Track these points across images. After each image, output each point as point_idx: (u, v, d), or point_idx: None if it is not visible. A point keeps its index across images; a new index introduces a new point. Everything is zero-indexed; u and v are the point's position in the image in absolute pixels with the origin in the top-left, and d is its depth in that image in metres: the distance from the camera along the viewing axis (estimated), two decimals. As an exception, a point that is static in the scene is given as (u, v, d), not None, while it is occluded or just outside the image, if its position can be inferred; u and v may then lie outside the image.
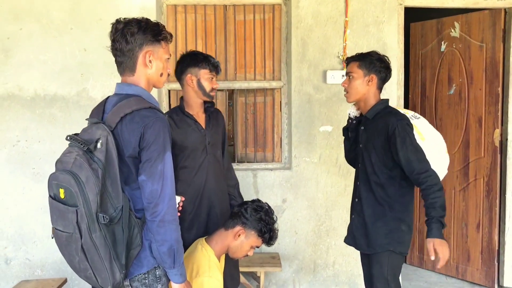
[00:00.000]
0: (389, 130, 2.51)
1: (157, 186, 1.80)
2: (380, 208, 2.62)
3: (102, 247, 1.74)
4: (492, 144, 4.17)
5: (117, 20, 1.95)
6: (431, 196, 2.40)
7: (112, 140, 1.78)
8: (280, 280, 4.06)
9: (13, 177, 3.80)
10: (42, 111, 3.79)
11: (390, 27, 3.96)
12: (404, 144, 2.48)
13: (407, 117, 2.61)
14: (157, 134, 1.81)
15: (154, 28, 1.93)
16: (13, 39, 3.74)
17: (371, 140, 2.63)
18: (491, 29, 4.10)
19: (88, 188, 1.72)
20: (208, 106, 2.95)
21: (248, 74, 4.12)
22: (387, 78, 2.68)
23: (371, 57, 2.65)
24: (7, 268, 3.86)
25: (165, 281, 1.96)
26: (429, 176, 2.43)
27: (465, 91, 4.30)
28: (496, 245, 4.20)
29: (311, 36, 3.92)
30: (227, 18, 4.08)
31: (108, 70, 3.74)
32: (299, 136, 3.98)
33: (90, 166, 1.73)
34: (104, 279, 1.80)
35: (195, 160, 2.84)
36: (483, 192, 4.25)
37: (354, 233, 2.78)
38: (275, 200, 3.95)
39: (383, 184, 2.60)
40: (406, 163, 2.48)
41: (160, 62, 1.95)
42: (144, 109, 1.84)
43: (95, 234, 1.73)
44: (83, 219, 1.72)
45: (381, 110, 2.65)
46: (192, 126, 2.83)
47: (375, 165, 2.61)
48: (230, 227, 2.51)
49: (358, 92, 2.65)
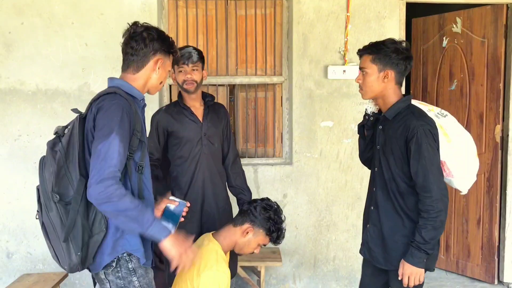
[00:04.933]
0: (409, 135, 2.25)
1: (93, 164, 1.79)
2: (399, 219, 2.36)
3: (58, 227, 1.85)
4: (493, 140, 4.16)
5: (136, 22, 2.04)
6: (423, 221, 2.23)
7: (77, 125, 1.90)
8: (280, 275, 4.07)
9: (14, 171, 3.81)
10: (43, 105, 3.80)
11: (392, 23, 3.95)
12: (419, 153, 2.23)
13: (431, 121, 2.32)
14: (105, 115, 1.86)
15: (169, 41, 2.07)
16: (15, 33, 3.74)
17: (389, 143, 2.36)
18: (493, 24, 4.08)
19: (46, 168, 1.89)
20: (208, 100, 3.02)
21: (249, 69, 4.11)
22: (407, 69, 2.37)
23: (386, 49, 2.32)
24: (8, 262, 3.87)
25: (142, 272, 1.97)
26: (430, 198, 2.21)
27: (466, 87, 4.30)
28: (497, 240, 4.21)
29: (313, 31, 3.91)
30: (228, 13, 4.07)
31: (109, 65, 3.75)
32: (300, 132, 3.98)
33: (51, 149, 1.90)
34: (62, 260, 1.91)
35: (189, 151, 2.93)
36: (483, 188, 4.25)
37: (370, 244, 2.50)
38: (276, 195, 3.95)
39: (403, 193, 2.33)
40: (414, 175, 2.26)
41: (164, 72, 2.07)
42: (109, 94, 1.93)
43: (52, 212, 1.85)
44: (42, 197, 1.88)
45: (403, 109, 2.35)
46: (188, 117, 2.94)
47: (394, 171, 2.34)
48: (238, 224, 2.54)
49: (374, 89, 2.36)
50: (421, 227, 2.22)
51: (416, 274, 2.27)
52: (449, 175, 2.43)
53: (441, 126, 2.39)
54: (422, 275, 2.29)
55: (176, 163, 2.96)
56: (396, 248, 2.37)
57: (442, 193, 2.22)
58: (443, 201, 2.22)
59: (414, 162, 2.24)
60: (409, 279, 2.29)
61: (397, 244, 2.36)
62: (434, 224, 2.21)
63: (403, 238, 2.34)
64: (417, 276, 2.28)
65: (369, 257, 2.53)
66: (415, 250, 2.24)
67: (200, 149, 2.93)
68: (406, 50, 2.35)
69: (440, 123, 2.40)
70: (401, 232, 2.35)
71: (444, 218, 2.23)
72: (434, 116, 2.41)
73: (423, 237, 2.22)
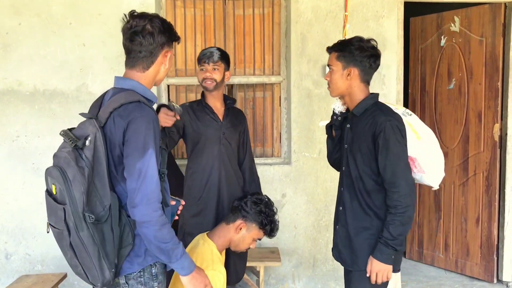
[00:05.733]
0: (376, 130, 2.23)
1: (134, 185, 1.74)
2: (366, 218, 2.32)
3: (90, 246, 1.73)
4: (492, 138, 4.17)
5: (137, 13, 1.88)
6: (391, 217, 2.21)
7: (101, 137, 1.75)
8: (279, 275, 4.07)
9: (13, 172, 3.80)
10: (41, 106, 3.79)
11: (390, 22, 3.95)
12: (386, 148, 2.21)
13: (399, 117, 2.31)
14: (138, 131, 1.75)
15: (172, 29, 1.94)
16: (13, 34, 3.73)
17: (357, 141, 2.34)
18: (491, 23, 4.09)
19: (74, 186, 1.70)
20: (229, 102, 3.13)
21: (248, 69, 4.11)
22: (372, 67, 2.34)
23: (351, 46, 2.31)
24: (7, 263, 3.87)
25: (162, 279, 1.95)
26: (398, 193, 2.19)
27: (464, 86, 4.30)
28: (496, 239, 4.21)
29: (311, 31, 3.91)
30: (226, 13, 4.07)
31: (107, 65, 3.75)
32: (298, 131, 3.98)
33: (77, 164, 1.71)
34: (93, 277, 1.79)
35: (208, 148, 3.00)
36: (482, 187, 4.26)
37: (339, 246, 2.45)
38: (275, 195, 3.95)
39: (370, 192, 2.30)
40: (382, 171, 2.23)
41: (170, 62, 1.97)
42: (132, 103, 1.80)
43: (83, 232, 1.71)
44: (70, 217, 1.71)
45: (371, 106, 2.33)
46: (209, 115, 3.02)
47: (360, 169, 2.31)
48: (231, 221, 2.55)
49: (339, 87, 2.35)
50: (389, 223, 2.21)
51: (384, 271, 2.26)
52: (421, 171, 2.44)
53: (410, 124, 2.40)
54: (390, 272, 2.27)
55: (193, 159, 3.02)
56: (362, 248, 2.33)
57: (410, 189, 2.22)
58: (411, 197, 2.21)
59: (382, 157, 2.23)
60: (377, 276, 2.27)
61: (363, 244, 2.33)
62: (402, 220, 2.20)
63: (370, 237, 2.31)
64: (385, 272, 2.26)
65: (339, 259, 2.48)
66: (383, 246, 2.23)
67: (219, 148, 3.00)
68: (371, 48, 2.34)
69: (408, 121, 2.42)
70: (368, 231, 2.32)
71: (411, 213, 2.22)
72: (401, 114, 2.41)
73: (391, 233, 2.20)
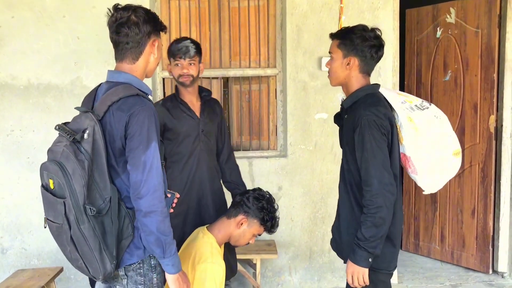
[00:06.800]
0: (355, 125, 2.13)
1: (140, 177, 1.76)
2: (354, 212, 2.23)
3: (91, 238, 1.74)
4: (487, 130, 4.17)
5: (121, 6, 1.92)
6: (363, 217, 2.09)
7: (99, 130, 1.76)
8: (276, 267, 4.07)
9: (8, 166, 3.78)
10: (36, 100, 3.77)
11: (386, 13, 3.94)
12: (362, 144, 2.11)
13: (381, 111, 2.14)
14: (141, 124, 1.78)
15: (157, 18, 1.96)
16: (5, 27, 3.70)
17: (346, 134, 2.26)
18: (487, 15, 4.08)
19: (74, 180, 1.71)
20: (205, 94, 2.97)
21: (243, 62, 4.09)
22: (373, 58, 2.23)
23: (353, 35, 2.20)
24: (3, 257, 3.86)
25: (160, 270, 1.95)
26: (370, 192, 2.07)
27: (460, 78, 4.30)
28: (491, 231, 4.23)
29: (306, 23, 3.89)
30: (221, 5, 4.04)
31: (101, 58, 3.72)
32: (294, 124, 3.97)
33: (76, 158, 1.72)
34: (95, 270, 1.80)
35: (187, 147, 2.87)
36: (478, 178, 4.27)
37: (334, 235, 2.41)
38: (271, 187, 3.94)
39: (359, 186, 2.19)
40: (359, 167, 2.14)
41: (159, 51, 1.97)
42: (131, 96, 1.82)
43: (84, 225, 1.72)
44: (70, 210, 1.72)
45: (361, 98, 2.21)
46: (186, 113, 2.87)
47: (350, 163, 2.23)
48: (232, 216, 2.54)
49: (338, 76, 2.26)
50: (362, 223, 2.10)
51: (359, 273, 2.13)
52: (414, 172, 2.31)
53: (411, 120, 2.23)
54: (365, 274, 2.13)
55: (173, 159, 2.89)
56: (348, 242, 2.23)
57: (385, 188, 2.06)
58: (384, 197, 2.06)
59: (358, 154, 2.13)
60: (352, 278, 2.16)
61: (349, 237, 2.22)
62: (374, 221, 2.06)
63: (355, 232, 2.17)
64: (360, 275, 2.13)
65: (335, 250, 2.42)
66: (356, 247, 2.11)
67: (198, 145, 2.88)
68: (374, 38, 2.21)
69: (411, 116, 2.24)
70: (354, 226, 2.19)
71: (385, 215, 2.06)
72: (406, 108, 2.26)
73: (363, 234, 2.08)
